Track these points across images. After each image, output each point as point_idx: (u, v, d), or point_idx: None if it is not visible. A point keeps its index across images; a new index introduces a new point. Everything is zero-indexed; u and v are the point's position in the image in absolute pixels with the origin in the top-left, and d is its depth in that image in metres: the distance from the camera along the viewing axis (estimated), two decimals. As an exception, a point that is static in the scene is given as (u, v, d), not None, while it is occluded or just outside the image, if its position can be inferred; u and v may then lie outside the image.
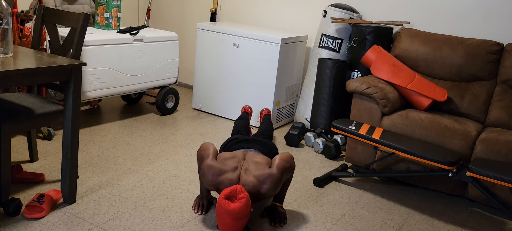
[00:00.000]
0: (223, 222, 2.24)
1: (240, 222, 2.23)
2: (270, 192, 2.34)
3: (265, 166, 2.39)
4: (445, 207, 2.97)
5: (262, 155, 2.51)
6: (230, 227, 2.24)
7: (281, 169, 2.36)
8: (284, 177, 2.40)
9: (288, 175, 2.45)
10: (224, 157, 2.44)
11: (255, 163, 2.41)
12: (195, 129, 3.92)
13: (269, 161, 2.46)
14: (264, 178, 2.32)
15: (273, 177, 2.32)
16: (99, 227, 2.29)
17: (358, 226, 2.61)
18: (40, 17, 2.70)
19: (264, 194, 2.34)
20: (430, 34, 3.62)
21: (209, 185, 2.37)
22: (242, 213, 2.19)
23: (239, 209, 2.18)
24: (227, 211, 2.17)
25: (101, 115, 4.00)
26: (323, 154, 3.67)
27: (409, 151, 2.72)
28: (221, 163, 2.39)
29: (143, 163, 3.10)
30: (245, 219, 2.25)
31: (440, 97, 3.32)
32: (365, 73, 3.75)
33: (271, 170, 2.35)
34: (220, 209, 2.20)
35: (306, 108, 4.11)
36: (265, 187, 2.32)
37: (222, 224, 2.26)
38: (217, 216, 2.26)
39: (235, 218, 2.20)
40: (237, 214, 2.18)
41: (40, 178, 2.68)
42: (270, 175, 2.33)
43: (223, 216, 2.21)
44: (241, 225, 2.26)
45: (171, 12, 5.24)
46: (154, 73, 3.96)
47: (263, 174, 2.33)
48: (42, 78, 2.19)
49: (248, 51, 4.05)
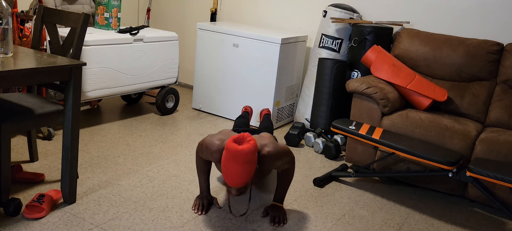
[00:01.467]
0: (230, 169, 2.15)
1: (247, 168, 2.15)
2: (271, 157, 2.33)
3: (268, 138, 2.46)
4: (445, 207, 2.97)
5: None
6: (237, 174, 2.16)
7: (283, 146, 2.42)
8: (284, 158, 2.41)
9: (288, 161, 2.45)
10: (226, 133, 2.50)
11: (258, 136, 2.50)
12: (195, 129, 3.92)
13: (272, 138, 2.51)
14: (268, 142, 2.38)
15: (275, 143, 2.39)
16: (99, 227, 2.29)
17: (358, 226, 2.61)
18: (40, 17, 2.70)
19: (265, 157, 2.32)
20: (430, 34, 3.62)
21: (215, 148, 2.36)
22: (250, 155, 2.14)
23: (248, 149, 2.12)
24: (236, 151, 2.11)
25: (101, 115, 4.00)
26: (323, 154, 3.67)
27: (409, 151, 2.72)
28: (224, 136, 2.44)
29: (143, 163, 3.10)
30: (252, 165, 2.17)
31: (440, 97, 3.32)
32: (365, 73, 3.75)
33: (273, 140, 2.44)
34: (228, 152, 2.14)
35: (306, 108, 4.11)
36: (267, 149, 2.33)
37: (229, 174, 2.17)
38: (224, 166, 2.18)
39: (243, 161, 2.13)
40: (245, 155, 2.12)
41: (40, 178, 2.68)
42: (273, 142, 2.39)
43: (230, 160, 2.14)
44: (248, 172, 2.17)
45: (171, 12, 5.24)
46: (154, 73, 3.96)
47: (265, 138, 2.42)
48: (42, 78, 2.19)
49: (248, 51, 4.05)
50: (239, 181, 2.18)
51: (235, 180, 2.18)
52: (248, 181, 2.20)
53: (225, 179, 2.22)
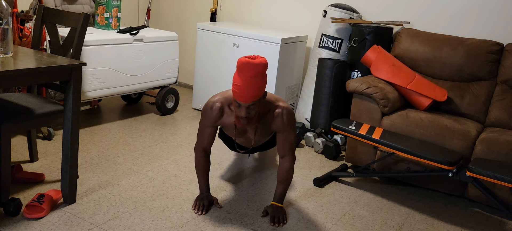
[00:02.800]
0: (242, 82, 2.20)
1: (258, 82, 2.21)
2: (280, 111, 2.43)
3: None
4: (445, 207, 2.97)
5: None
6: (248, 87, 2.20)
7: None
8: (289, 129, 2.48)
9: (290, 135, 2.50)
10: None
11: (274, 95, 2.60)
12: (195, 129, 3.92)
13: None
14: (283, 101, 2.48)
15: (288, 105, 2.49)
16: (99, 227, 2.29)
17: (358, 226, 2.61)
18: (40, 17, 2.70)
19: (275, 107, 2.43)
20: (430, 34, 3.62)
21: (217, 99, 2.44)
22: (262, 68, 2.20)
23: (260, 62, 2.20)
24: (249, 63, 2.18)
25: (101, 115, 4.00)
26: (323, 154, 3.67)
27: (409, 151, 2.72)
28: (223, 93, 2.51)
29: (143, 163, 3.10)
30: (263, 81, 2.23)
31: (440, 97, 3.32)
32: (365, 73, 3.75)
33: None
34: (241, 66, 2.19)
35: (306, 108, 4.11)
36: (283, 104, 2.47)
37: (240, 89, 2.22)
38: (235, 82, 2.23)
39: (254, 74, 2.19)
40: (258, 67, 2.19)
41: (40, 178, 2.68)
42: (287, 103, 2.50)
43: (242, 73, 2.19)
44: (258, 87, 2.23)
45: (171, 12, 5.24)
46: (154, 73, 3.96)
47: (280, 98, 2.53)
48: (42, 78, 2.19)
49: (248, 51, 4.05)
50: (250, 94, 2.22)
51: (246, 93, 2.22)
52: (258, 96, 2.25)
53: (236, 96, 2.26)
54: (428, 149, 2.75)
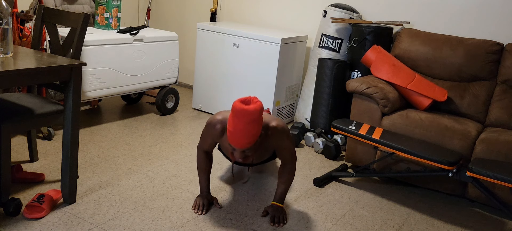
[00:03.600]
0: (236, 129, 2.17)
1: (252, 128, 2.17)
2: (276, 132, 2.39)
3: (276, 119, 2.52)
4: (445, 207, 2.97)
5: None
6: (243, 133, 2.17)
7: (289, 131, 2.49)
8: (287, 142, 2.46)
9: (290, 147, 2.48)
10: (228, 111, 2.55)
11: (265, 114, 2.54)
12: (195, 129, 3.92)
13: None
14: (273, 118, 2.43)
15: (281, 120, 2.44)
16: (99, 227, 2.29)
17: (358, 226, 2.61)
18: (40, 17, 2.70)
19: (271, 129, 2.38)
20: (430, 34, 3.62)
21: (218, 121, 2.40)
22: (256, 114, 2.16)
23: (254, 109, 2.15)
24: (243, 109, 2.14)
25: (101, 115, 4.00)
26: (323, 154, 3.67)
27: (409, 151, 2.72)
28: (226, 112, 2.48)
29: (143, 163, 3.10)
30: (258, 127, 2.19)
31: (440, 97, 3.32)
32: (365, 73, 3.75)
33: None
34: (235, 112, 2.16)
35: (306, 108, 4.11)
36: (275, 123, 2.40)
37: (234, 134, 2.18)
38: (229, 127, 2.20)
39: (249, 120, 2.15)
40: (252, 114, 2.15)
41: (40, 178, 2.68)
42: (279, 119, 2.44)
43: (237, 120, 2.16)
44: (253, 133, 2.19)
45: (171, 12, 5.24)
46: (154, 73, 3.96)
47: (274, 118, 2.47)
48: (42, 78, 2.19)
49: (248, 51, 4.05)
50: (244, 140, 2.19)
51: (240, 140, 2.19)
52: (252, 142, 2.22)
53: (230, 141, 2.23)
54: (428, 149, 2.75)
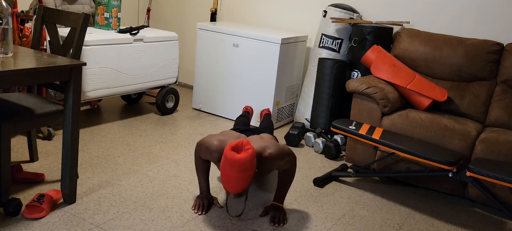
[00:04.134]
0: (228, 175, 2.15)
1: (245, 175, 2.15)
2: (273, 158, 2.34)
3: (269, 139, 2.47)
4: (445, 207, 2.97)
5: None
6: (234, 181, 2.16)
7: (285, 147, 2.42)
8: (286, 158, 2.42)
9: (289, 161, 2.45)
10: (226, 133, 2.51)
11: (259, 137, 2.50)
12: (195, 129, 3.92)
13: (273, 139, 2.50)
14: (269, 144, 2.37)
15: (277, 144, 2.39)
16: (99, 227, 2.29)
17: (358, 226, 2.61)
18: (40, 17, 2.70)
19: (267, 159, 2.33)
20: (430, 34, 3.62)
21: (214, 150, 2.36)
22: (247, 163, 2.13)
23: (245, 159, 2.12)
24: (234, 160, 2.11)
25: (101, 115, 4.00)
26: (323, 154, 3.67)
27: (409, 151, 2.72)
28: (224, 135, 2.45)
29: (143, 163, 3.10)
30: (250, 173, 2.17)
31: (440, 97, 3.32)
32: (365, 73, 3.75)
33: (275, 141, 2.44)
34: (226, 160, 2.14)
35: (306, 108, 4.11)
36: (269, 151, 2.33)
37: (227, 179, 2.17)
38: (222, 172, 2.18)
39: (240, 169, 2.13)
40: (243, 164, 2.12)
41: (40, 178, 2.68)
42: (274, 143, 2.39)
43: (228, 168, 2.14)
44: (245, 180, 2.17)
45: (171, 12, 5.24)
46: (154, 73, 3.96)
47: (266, 140, 2.42)
48: (42, 78, 2.19)
49: (248, 51, 4.05)
50: (237, 187, 2.18)
51: (233, 186, 2.18)
52: (246, 186, 2.21)
53: (223, 185, 2.23)
54: (428, 149, 2.75)
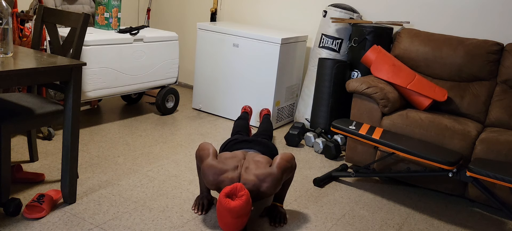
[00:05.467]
0: (224, 220, 2.23)
1: (241, 220, 2.23)
2: (270, 191, 2.34)
3: (265, 165, 2.40)
4: (445, 207, 2.97)
5: (262, 155, 2.52)
6: (231, 226, 2.24)
7: (282, 168, 2.37)
8: (285, 177, 2.40)
9: (289, 175, 2.45)
10: (224, 157, 2.45)
11: (255, 162, 2.43)
12: (195, 129, 3.92)
13: (270, 160, 2.46)
14: (264, 177, 2.33)
15: (273, 175, 2.34)
16: (99, 227, 2.29)
17: (358, 226, 2.61)
18: (40, 17, 2.70)
19: (264, 192, 2.34)
20: (430, 34, 3.62)
21: (210, 184, 2.37)
22: (242, 211, 2.20)
23: (240, 207, 2.18)
24: (228, 209, 2.18)
25: (101, 115, 4.00)
26: (323, 154, 3.67)
27: (409, 151, 2.72)
28: (221, 162, 2.40)
29: (143, 163, 3.10)
30: (246, 217, 2.25)
31: (440, 97, 3.32)
32: (365, 73, 3.75)
33: (271, 169, 2.36)
34: (221, 207, 2.20)
35: (306, 108, 4.11)
36: (265, 185, 2.33)
37: (223, 223, 2.25)
38: (218, 215, 2.26)
39: (235, 216, 2.20)
40: (237, 212, 2.19)
41: (40, 178, 2.68)
42: (271, 174, 2.34)
43: (223, 214, 2.21)
44: (241, 224, 2.26)
45: (171, 12, 5.24)
46: (154, 73, 3.96)
47: (263, 173, 2.35)
48: (42, 78, 2.19)
49: (248, 51, 4.05)
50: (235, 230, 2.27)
51: (229, 229, 2.27)
52: (243, 226, 2.29)
53: (220, 225, 2.30)
54: (428, 149, 2.75)
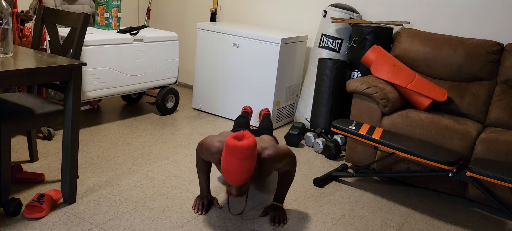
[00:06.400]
0: (230, 165, 2.15)
1: (247, 164, 2.15)
2: (271, 160, 2.33)
3: (269, 141, 2.46)
4: (445, 207, 2.97)
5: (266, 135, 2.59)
6: (237, 170, 2.15)
7: (284, 148, 2.40)
8: (285, 160, 2.40)
9: (289, 163, 2.45)
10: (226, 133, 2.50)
11: (259, 138, 2.49)
12: (195, 129, 3.92)
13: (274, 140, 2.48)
14: (268, 145, 2.36)
15: (276, 146, 2.37)
16: (99, 227, 2.29)
17: (358, 226, 2.61)
18: (40, 17, 2.70)
19: (265, 160, 2.32)
20: (430, 34, 3.62)
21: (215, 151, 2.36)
22: (250, 151, 2.14)
23: (248, 145, 2.13)
24: (236, 146, 2.11)
25: (101, 115, 4.00)
26: (323, 154, 3.67)
27: (409, 151, 2.72)
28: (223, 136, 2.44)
29: (143, 163, 3.10)
30: (252, 163, 2.17)
31: (440, 97, 3.32)
32: (365, 73, 3.75)
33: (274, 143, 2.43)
34: (228, 148, 2.14)
35: (306, 108, 4.11)
36: (267, 152, 2.33)
37: (229, 170, 2.17)
38: (223, 164, 2.18)
39: (243, 157, 2.13)
40: (245, 151, 2.13)
41: (40, 178, 2.68)
42: (274, 145, 2.37)
43: (230, 156, 2.14)
44: (247, 169, 2.17)
45: (171, 12, 5.24)
46: (154, 73, 3.96)
47: (266, 141, 2.40)
48: (42, 78, 2.19)
49: (248, 51, 4.05)
50: (239, 177, 2.17)
51: (235, 176, 2.17)
52: (247, 178, 2.19)
53: (224, 177, 2.22)
54: (428, 149, 2.75)
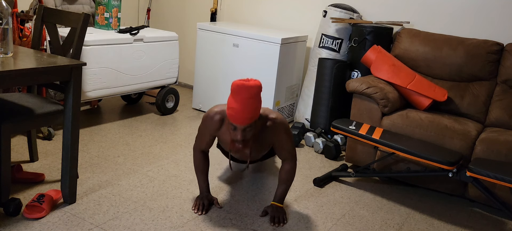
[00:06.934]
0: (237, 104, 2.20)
1: (254, 103, 2.21)
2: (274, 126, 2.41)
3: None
4: (445, 207, 2.97)
5: None
6: (243, 108, 2.20)
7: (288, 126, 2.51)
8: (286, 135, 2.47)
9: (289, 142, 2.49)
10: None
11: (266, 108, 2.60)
12: (195, 129, 3.92)
13: None
14: (274, 112, 2.46)
15: (281, 115, 2.47)
16: (99, 227, 2.29)
17: (358, 226, 2.61)
18: (40, 17, 2.70)
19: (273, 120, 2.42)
20: (430, 34, 3.62)
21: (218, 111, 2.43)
22: (256, 89, 2.20)
23: (254, 84, 2.20)
24: (243, 84, 2.18)
25: (101, 115, 4.00)
26: (323, 154, 3.67)
27: (409, 151, 2.72)
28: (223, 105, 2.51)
29: (143, 163, 3.10)
30: (258, 103, 2.23)
31: (440, 97, 3.32)
32: (365, 73, 3.75)
33: None
34: (235, 87, 2.19)
35: (306, 108, 4.11)
36: (274, 115, 2.43)
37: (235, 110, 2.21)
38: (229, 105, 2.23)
39: (249, 95, 2.18)
40: (252, 89, 2.19)
41: (40, 178, 2.68)
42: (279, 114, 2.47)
43: (237, 95, 2.19)
44: (254, 109, 2.22)
45: (171, 12, 5.24)
46: (154, 73, 3.96)
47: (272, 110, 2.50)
48: (42, 78, 2.19)
49: (248, 51, 4.05)
50: (246, 115, 2.21)
51: (242, 115, 2.21)
52: (253, 118, 2.24)
53: (231, 119, 2.25)
54: (428, 149, 2.75)
